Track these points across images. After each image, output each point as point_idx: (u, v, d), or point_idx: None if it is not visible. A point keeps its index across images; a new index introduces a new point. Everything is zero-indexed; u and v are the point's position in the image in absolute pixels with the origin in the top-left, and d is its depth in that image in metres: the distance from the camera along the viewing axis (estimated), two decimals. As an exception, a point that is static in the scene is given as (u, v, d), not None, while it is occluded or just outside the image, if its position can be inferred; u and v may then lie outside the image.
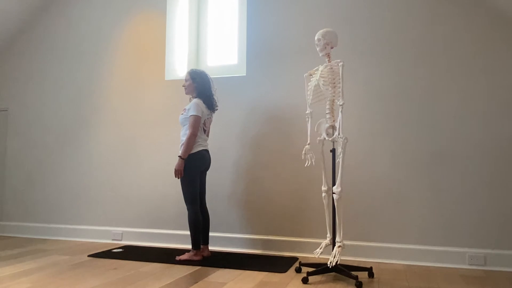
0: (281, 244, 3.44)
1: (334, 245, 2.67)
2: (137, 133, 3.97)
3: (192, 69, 3.32)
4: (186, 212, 3.65)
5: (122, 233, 3.91)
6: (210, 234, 3.64)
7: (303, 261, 3.13)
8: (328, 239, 2.83)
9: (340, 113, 2.64)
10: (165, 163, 3.84)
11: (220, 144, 3.70)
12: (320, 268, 2.63)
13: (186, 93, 3.32)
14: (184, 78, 3.74)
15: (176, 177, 3.10)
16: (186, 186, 3.12)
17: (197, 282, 2.54)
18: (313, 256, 3.32)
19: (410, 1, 3.28)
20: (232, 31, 3.98)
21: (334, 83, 2.74)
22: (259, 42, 3.66)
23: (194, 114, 3.12)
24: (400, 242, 3.16)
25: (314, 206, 3.39)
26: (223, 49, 3.99)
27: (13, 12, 4.26)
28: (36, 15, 4.44)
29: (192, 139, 3.11)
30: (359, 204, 3.27)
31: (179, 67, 4.06)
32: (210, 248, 3.61)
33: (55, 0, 4.38)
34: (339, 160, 2.63)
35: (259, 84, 3.63)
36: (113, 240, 3.94)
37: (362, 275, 2.75)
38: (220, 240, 3.60)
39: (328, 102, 2.79)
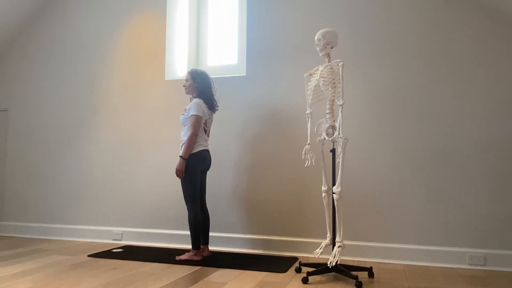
0: (281, 244, 3.44)
1: (334, 245, 2.67)
2: (137, 133, 3.97)
3: (193, 69, 3.32)
4: (186, 212, 3.65)
5: (122, 233, 3.91)
6: (210, 234, 3.64)
7: (303, 261, 3.13)
8: (328, 239, 2.83)
9: (340, 113, 2.64)
10: (165, 163, 3.84)
11: (221, 144, 3.70)
12: (320, 268, 2.63)
13: (187, 93, 3.32)
14: (184, 78, 3.75)
15: (177, 176, 3.10)
16: (186, 186, 3.12)
17: (197, 282, 2.54)
18: (313, 256, 3.32)
19: (410, 1, 3.28)
20: (232, 31, 3.98)
21: (334, 83, 2.74)
22: (259, 42, 3.66)
23: (195, 114, 3.12)
24: (400, 242, 3.16)
25: (314, 206, 3.39)
26: (223, 49, 4.00)
27: (13, 13, 4.26)
28: (36, 15, 4.44)
29: (193, 139, 3.11)
30: (359, 204, 3.27)
31: (179, 67, 4.06)
32: (210, 248, 3.61)
33: (55, 0, 4.39)
34: (339, 160, 2.63)
35: (259, 84, 3.63)
36: (113, 240, 3.94)
37: (362, 275, 2.75)
38: (220, 240, 3.60)
39: (328, 102, 2.79)
